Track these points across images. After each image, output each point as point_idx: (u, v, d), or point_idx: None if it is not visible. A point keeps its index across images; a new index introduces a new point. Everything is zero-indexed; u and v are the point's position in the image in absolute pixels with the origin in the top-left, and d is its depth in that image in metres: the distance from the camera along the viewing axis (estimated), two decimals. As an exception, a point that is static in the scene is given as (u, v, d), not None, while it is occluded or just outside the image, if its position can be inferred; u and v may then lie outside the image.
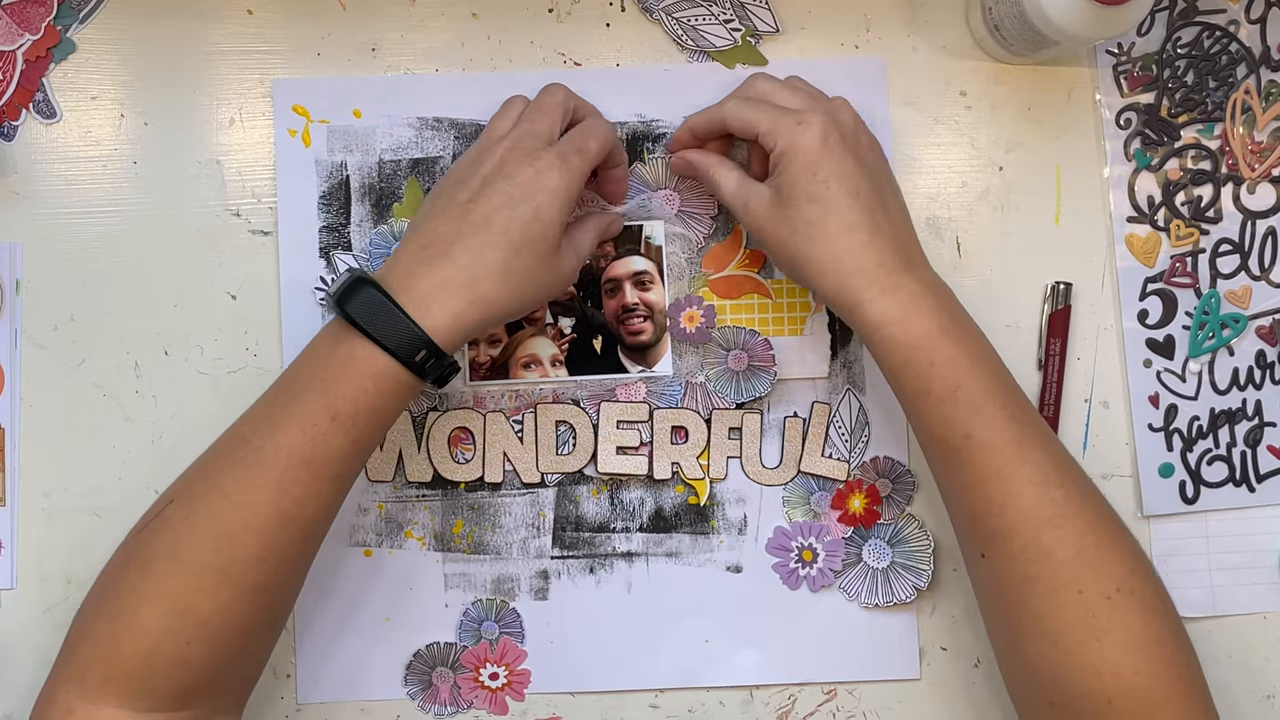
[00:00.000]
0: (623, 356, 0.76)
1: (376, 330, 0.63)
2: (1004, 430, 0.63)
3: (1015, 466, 0.63)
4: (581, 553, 0.76)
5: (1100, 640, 0.62)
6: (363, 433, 0.64)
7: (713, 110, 0.72)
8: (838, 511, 0.75)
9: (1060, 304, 0.75)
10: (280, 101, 0.75)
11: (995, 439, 0.63)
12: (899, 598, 0.75)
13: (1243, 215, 0.76)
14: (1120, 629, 0.62)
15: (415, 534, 0.75)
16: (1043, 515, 0.63)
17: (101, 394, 0.75)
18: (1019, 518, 0.63)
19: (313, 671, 0.75)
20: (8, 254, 0.75)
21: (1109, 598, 0.62)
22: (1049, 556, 0.63)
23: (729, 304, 0.76)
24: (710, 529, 0.76)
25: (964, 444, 0.64)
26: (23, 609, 0.74)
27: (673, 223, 0.76)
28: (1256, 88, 0.76)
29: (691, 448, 0.75)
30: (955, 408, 0.64)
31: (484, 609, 0.75)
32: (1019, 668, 0.66)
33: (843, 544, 0.75)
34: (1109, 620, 0.62)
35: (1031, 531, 0.63)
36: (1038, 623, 0.63)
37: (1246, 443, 0.76)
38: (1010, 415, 0.64)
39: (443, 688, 0.75)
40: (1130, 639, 0.62)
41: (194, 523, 0.62)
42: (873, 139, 0.69)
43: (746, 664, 0.76)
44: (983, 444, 0.63)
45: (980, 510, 0.64)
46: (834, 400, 0.76)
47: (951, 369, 0.64)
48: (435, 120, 0.75)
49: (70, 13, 0.75)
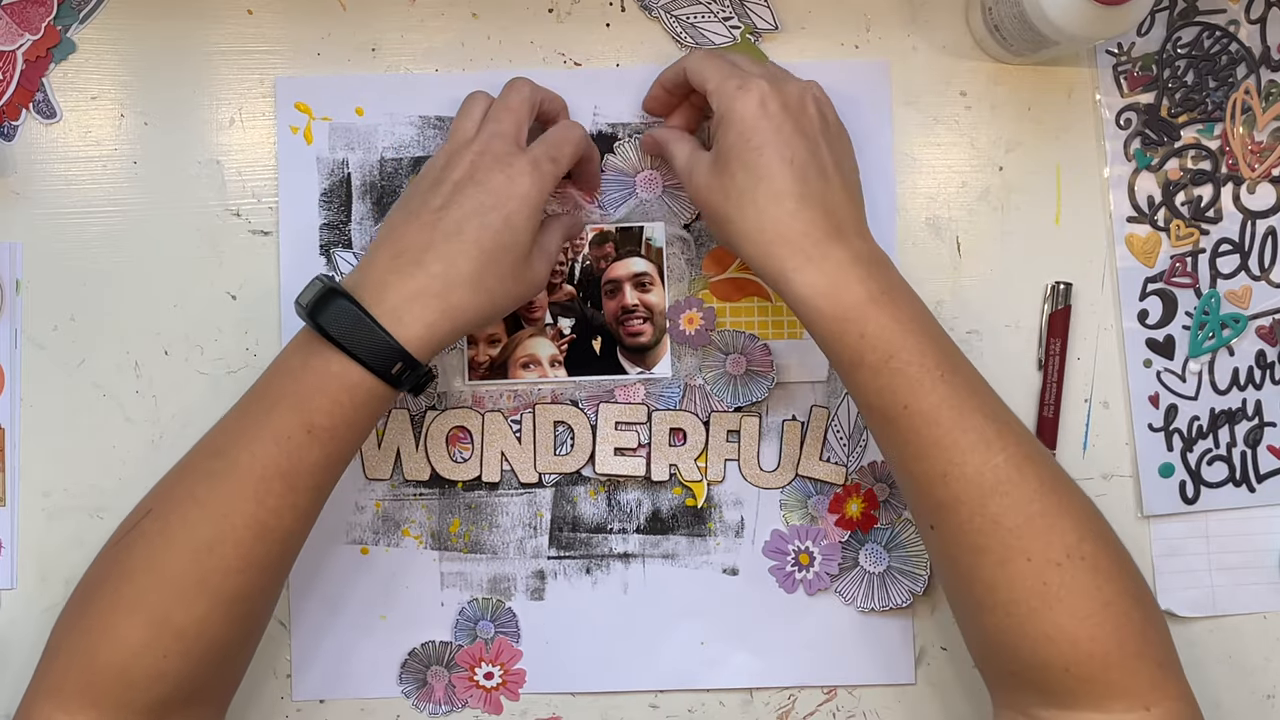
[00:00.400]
0: (622, 358, 0.76)
1: (350, 343, 0.62)
2: (942, 399, 0.62)
3: (955, 436, 0.62)
4: (578, 553, 0.76)
5: (1052, 608, 0.61)
6: (339, 444, 0.63)
7: (679, 61, 0.71)
8: (835, 515, 0.75)
9: (1060, 304, 0.75)
10: (283, 98, 0.75)
11: (933, 409, 0.62)
12: (895, 602, 0.75)
13: (1243, 215, 0.76)
14: (1071, 596, 0.61)
15: (412, 532, 0.75)
16: (987, 484, 0.62)
17: (101, 394, 0.75)
18: (963, 487, 0.62)
19: (308, 669, 0.75)
20: (8, 254, 0.75)
21: (1059, 565, 0.61)
22: (995, 525, 0.62)
23: (729, 306, 0.76)
24: (707, 531, 0.76)
25: (901, 415, 0.63)
26: (23, 609, 0.74)
27: (666, 212, 0.76)
28: (1256, 88, 0.76)
29: (689, 450, 0.75)
30: (891, 378, 0.62)
31: (480, 608, 0.75)
32: (978, 639, 0.65)
33: (839, 548, 0.75)
34: (1060, 587, 0.61)
35: (977, 501, 0.62)
36: (990, 593, 0.62)
37: (1246, 443, 0.76)
38: (948, 383, 0.62)
39: (438, 686, 0.75)
40: (1082, 605, 0.61)
41: (171, 534, 0.62)
42: (831, 117, 0.68)
43: (742, 666, 0.76)
44: (920, 414, 0.62)
45: (925, 482, 0.63)
46: (833, 404, 0.75)
47: (883, 339, 0.62)
48: (438, 119, 0.75)
49: (70, 13, 0.75)
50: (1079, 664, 0.61)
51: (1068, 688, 0.62)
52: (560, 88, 0.73)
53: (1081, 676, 0.61)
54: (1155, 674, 0.62)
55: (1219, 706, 0.76)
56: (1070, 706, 0.62)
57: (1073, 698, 0.62)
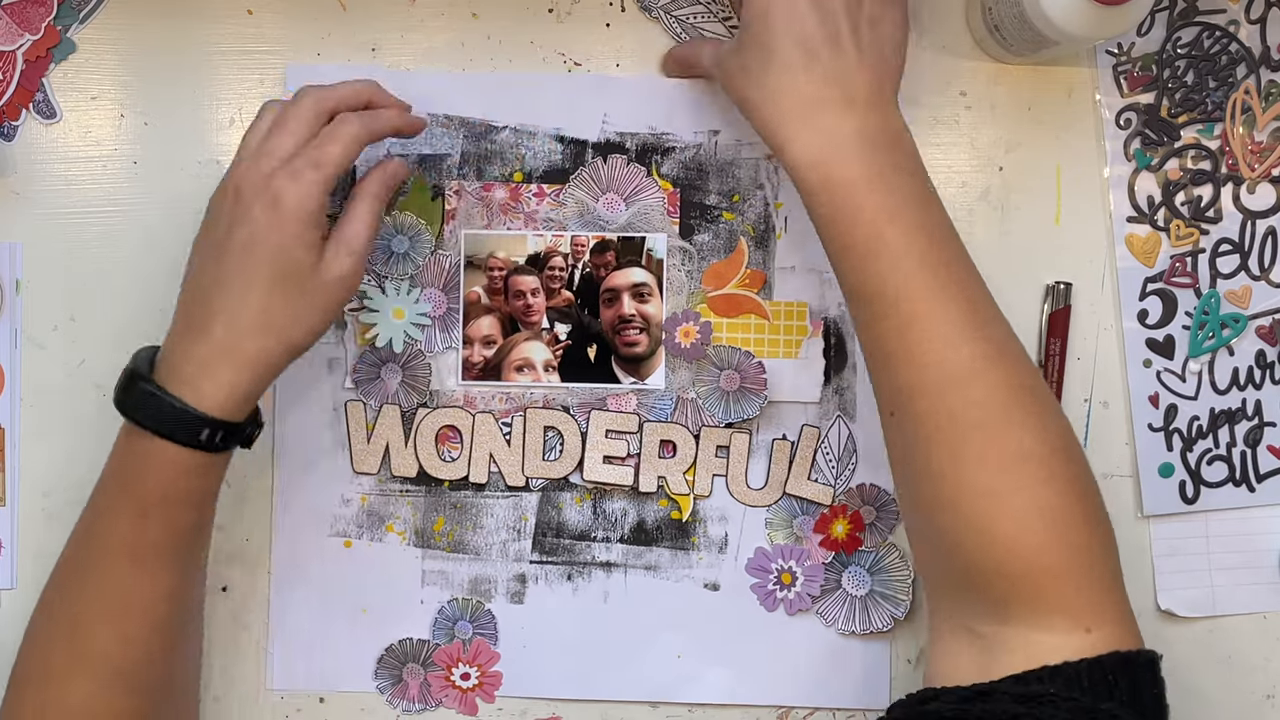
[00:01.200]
0: (616, 367, 0.75)
1: (157, 425, 0.63)
2: (922, 286, 0.61)
3: (925, 323, 0.61)
4: (560, 559, 0.76)
5: (1000, 511, 0.60)
6: (179, 517, 0.65)
7: None
8: (820, 536, 0.75)
9: (1060, 304, 0.75)
10: (292, 88, 0.74)
11: (909, 294, 0.61)
12: (876, 626, 0.74)
13: (1243, 215, 0.76)
14: (1020, 501, 0.60)
15: (396, 528, 0.75)
16: (949, 375, 0.61)
17: (101, 394, 0.75)
18: (925, 375, 0.61)
19: (287, 658, 0.75)
20: (8, 254, 0.75)
21: (1010, 469, 0.60)
22: (952, 419, 0.61)
23: (726, 322, 0.75)
24: (691, 545, 0.76)
25: (876, 297, 0.62)
26: (23, 609, 0.74)
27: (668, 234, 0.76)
28: (1256, 88, 0.76)
29: (678, 463, 0.75)
30: (876, 260, 0.61)
31: (459, 608, 0.75)
32: (923, 538, 0.65)
33: (823, 569, 0.75)
34: (1008, 491, 0.60)
35: (936, 391, 0.61)
36: (938, 488, 0.61)
37: (1246, 443, 0.76)
38: (930, 270, 0.61)
39: (413, 684, 0.75)
40: (1029, 512, 0.60)
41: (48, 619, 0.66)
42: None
43: (717, 682, 0.75)
44: (896, 298, 0.61)
45: (890, 366, 0.62)
46: (824, 425, 0.75)
47: (869, 221, 0.61)
48: (446, 117, 0.75)
49: (70, 13, 0.75)
50: (1020, 572, 0.59)
51: (1007, 597, 0.60)
52: (569, 93, 0.73)
53: (1021, 586, 0.59)
54: (1099, 595, 0.60)
55: (1219, 706, 0.76)
56: (1008, 620, 0.60)
57: (1011, 610, 0.60)
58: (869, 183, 0.62)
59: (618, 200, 0.75)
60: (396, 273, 0.75)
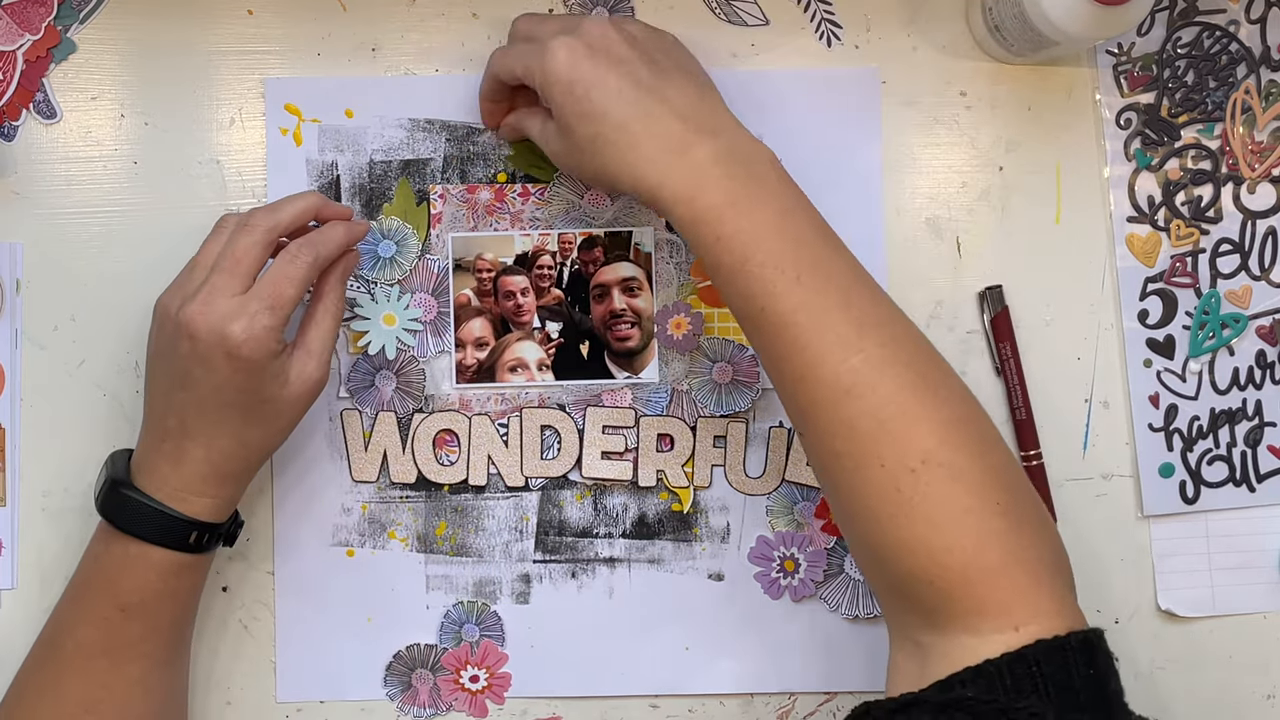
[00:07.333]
0: (609, 362, 0.75)
1: (143, 532, 0.65)
2: (800, 302, 0.61)
3: (810, 338, 0.60)
4: (564, 557, 0.76)
5: (909, 516, 0.59)
6: (159, 615, 0.66)
7: (486, 69, 0.72)
8: (821, 521, 0.75)
9: (997, 308, 0.75)
10: (272, 100, 0.75)
11: (790, 312, 0.61)
12: (879, 610, 0.74)
13: (1243, 215, 0.76)
14: (927, 503, 0.59)
15: (398, 535, 0.75)
16: (841, 386, 0.60)
17: (101, 394, 0.75)
18: (820, 391, 0.60)
19: (294, 670, 0.75)
20: (8, 254, 0.75)
21: (913, 471, 0.59)
22: (851, 430, 0.60)
23: (716, 312, 0.75)
24: (693, 536, 0.76)
25: (760, 317, 0.62)
26: (23, 609, 0.74)
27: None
28: (1256, 88, 0.76)
29: (676, 455, 0.75)
30: (748, 282, 0.61)
31: (465, 611, 0.75)
32: (855, 550, 0.64)
33: (825, 554, 0.75)
34: (914, 495, 0.59)
35: (832, 405, 0.60)
36: (851, 501, 0.61)
37: (1247, 443, 0.76)
38: (805, 286, 0.61)
39: (422, 689, 0.75)
40: (938, 513, 0.59)
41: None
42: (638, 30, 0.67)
43: (726, 672, 0.75)
44: (778, 317, 0.61)
45: (789, 386, 0.62)
46: None
47: (739, 242, 0.61)
48: (427, 122, 0.75)
49: (70, 13, 0.75)
50: (939, 576, 0.58)
51: (935, 604, 0.59)
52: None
53: (944, 591, 0.58)
54: (1025, 589, 0.58)
55: (1219, 706, 0.76)
56: (944, 628, 0.59)
57: (943, 617, 0.59)
58: (733, 205, 0.62)
59: (603, 195, 0.75)
60: (385, 278, 0.75)
